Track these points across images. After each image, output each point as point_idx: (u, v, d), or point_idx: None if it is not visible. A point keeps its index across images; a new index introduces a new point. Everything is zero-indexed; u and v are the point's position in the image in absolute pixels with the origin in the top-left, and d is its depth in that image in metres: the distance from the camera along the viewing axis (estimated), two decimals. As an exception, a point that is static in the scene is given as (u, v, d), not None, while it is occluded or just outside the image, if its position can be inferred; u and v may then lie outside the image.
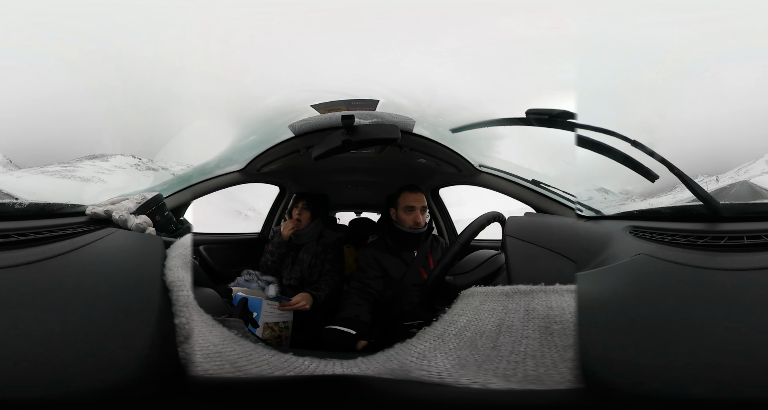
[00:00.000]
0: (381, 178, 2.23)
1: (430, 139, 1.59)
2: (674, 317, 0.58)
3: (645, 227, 0.99)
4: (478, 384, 0.54)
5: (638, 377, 0.50)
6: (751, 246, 0.76)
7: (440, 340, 0.62)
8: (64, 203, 1.07)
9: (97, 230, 0.90)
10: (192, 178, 1.70)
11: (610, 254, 0.85)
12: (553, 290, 0.65)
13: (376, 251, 1.67)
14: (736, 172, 7.67)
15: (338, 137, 1.20)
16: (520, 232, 0.90)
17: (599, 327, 0.58)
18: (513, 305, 0.64)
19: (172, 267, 0.67)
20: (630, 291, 0.68)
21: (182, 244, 0.77)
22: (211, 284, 1.18)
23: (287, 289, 1.80)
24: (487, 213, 1.10)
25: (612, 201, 4.55)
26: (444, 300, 0.87)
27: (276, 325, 1.47)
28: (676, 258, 0.74)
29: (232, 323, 0.68)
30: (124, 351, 0.51)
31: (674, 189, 3.08)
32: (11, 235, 0.77)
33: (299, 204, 1.84)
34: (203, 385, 0.53)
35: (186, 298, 0.61)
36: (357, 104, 1.34)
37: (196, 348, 0.56)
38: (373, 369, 0.60)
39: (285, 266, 1.85)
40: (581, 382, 0.52)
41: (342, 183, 2.53)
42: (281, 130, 1.54)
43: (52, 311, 0.56)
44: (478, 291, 0.71)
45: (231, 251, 2.23)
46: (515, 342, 0.59)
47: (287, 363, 0.59)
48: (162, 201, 1.14)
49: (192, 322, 0.58)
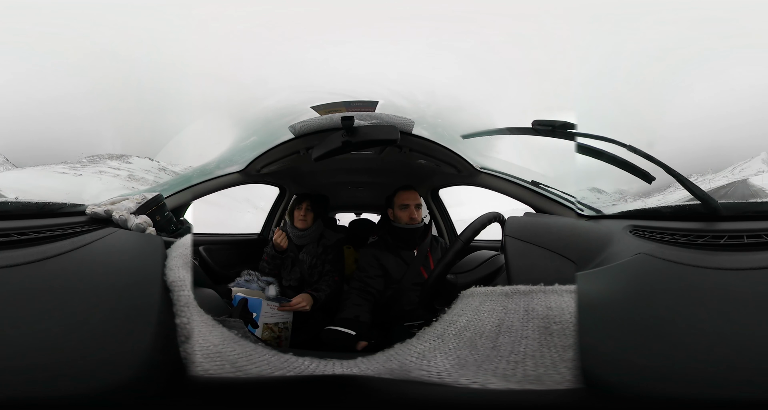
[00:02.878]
0: (381, 179, 2.24)
1: (430, 140, 1.59)
2: (674, 316, 0.58)
3: (645, 226, 0.99)
4: (478, 384, 0.54)
5: (638, 377, 0.50)
6: (750, 245, 0.76)
7: (440, 340, 0.62)
8: (64, 203, 1.07)
9: (97, 230, 0.90)
10: (192, 178, 1.70)
11: (610, 254, 0.85)
12: (552, 290, 0.65)
13: (376, 250, 1.68)
14: (731, 171, 7.61)
15: (338, 138, 1.20)
16: (519, 232, 0.90)
17: (599, 327, 0.58)
18: (512, 306, 0.64)
19: (173, 267, 0.67)
20: (630, 291, 0.68)
21: (183, 244, 0.77)
22: (210, 285, 1.19)
23: (287, 290, 1.80)
24: (487, 213, 1.10)
25: (611, 201, 4.56)
26: (444, 301, 0.87)
27: (275, 326, 1.47)
28: (676, 258, 0.74)
29: (232, 323, 0.69)
30: (124, 350, 0.51)
31: (669, 188, 3.08)
32: (11, 234, 0.77)
33: (303, 204, 1.84)
34: (204, 385, 0.53)
35: (187, 298, 0.61)
36: (357, 105, 1.34)
37: (196, 348, 0.56)
38: (373, 369, 0.60)
39: (285, 267, 1.85)
40: (580, 382, 0.52)
41: (342, 184, 2.53)
42: (281, 131, 1.54)
43: (53, 310, 0.56)
44: (478, 292, 0.71)
45: (231, 251, 2.23)
46: (515, 342, 0.59)
47: (287, 363, 0.59)
48: (162, 201, 1.14)
49: (192, 322, 0.58)
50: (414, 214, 1.65)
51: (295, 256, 1.85)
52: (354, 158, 1.86)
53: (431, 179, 2.20)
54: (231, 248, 2.27)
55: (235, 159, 1.81)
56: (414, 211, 1.66)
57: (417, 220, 1.66)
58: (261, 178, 2.05)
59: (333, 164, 1.95)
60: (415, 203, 1.67)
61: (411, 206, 1.66)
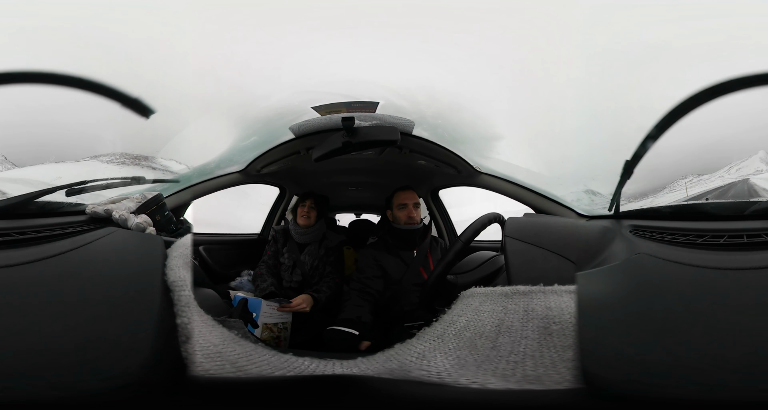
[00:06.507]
0: (381, 179, 2.24)
1: (430, 140, 1.59)
2: (674, 316, 0.58)
3: (645, 226, 0.99)
4: (477, 384, 0.54)
5: (638, 377, 0.50)
6: (750, 245, 0.76)
7: (440, 340, 0.62)
8: (63, 202, 1.07)
9: (97, 230, 0.90)
10: (192, 178, 1.70)
11: (609, 254, 0.85)
12: (552, 290, 0.65)
13: (375, 251, 1.68)
14: (727, 171, 7.51)
15: (338, 139, 1.21)
16: (519, 233, 0.90)
17: (599, 327, 0.58)
18: (512, 306, 0.64)
19: (174, 267, 0.67)
20: (629, 291, 0.68)
21: (183, 244, 0.77)
22: (210, 285, 1.19)
23: (288, 291, 1.79)
24: (487, 214, 1.10)
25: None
26: (444, 301, 0.88)
27: (275, 326, 1.47)
28: (676, 257, 0.74)
29: (232, 323, 0.69)
30: (125, 350, 0.51)
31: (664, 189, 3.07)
32: (11, 234, 0.77)
33: (307, 202, 1.84)
34: (204, 385, 0.53)
35: (187, 298, 0.61)
36: (357, 105, 1.34)
37: (196, 348, 0.56)
38: (373, 369, 0.60)
39: (286, 269, 1.85)
40: (580, 382, 0.52)
41: (342, 185, 2.53)
42: (282, 131, 1.54)
43: (52, 310, 0.56)
44: (478, 292, 0.71)
45: (231, 251, 2.23)
46: (514, 342, 0.59)
47: (287, 363, 0.59)
48: (162, 201, 1.14)
49: (193, 322, 0.58)
50: (412, 213, 1.65)
51: (296, 258, 1.85)
52: (354, 159, 1.86)
53: (431, 180, 2.20)
54: (231, 248, 2.28)
55: (235, 159, 1.81)
56: (412, 210, 1.66)
57: (415, 219, 1.67)
58: (261, 178, 2.05)
59: (333, 164, 1.94)
60: (413, 202, 1.67)
61: (409, 205, 1.66)
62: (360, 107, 1.34)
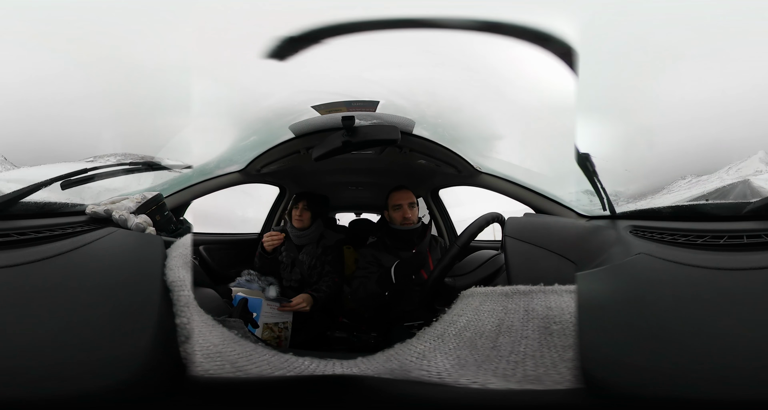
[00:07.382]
0: (381, 179, 2.23)
1: (430, 140, 1.59)
2: (674, 316, 0.58)
3: (645, 226, 0.99)
4: (478, 384, 0.54)
5: (638, 377, 0.50)
6: (750, 245, 0.76)
7: (440, 340, 0.62)
8: (63, 202, 1.07)
9: (97, 230, 0.90)
10: (192, 178, 1.70)
11: (609, 254, 0.85)
12: (552, 290, 0.65)
13: (375, 250, 1.68)
14: (726, 171, 7.45)
15: (338, 138, 1.20)
16: (519, 233, 0.90)
17: (599, 327, 0.58)
18: (512, 306, 0.64)
19: (173, 267, 0.67)
20: (630, 291, 0.68)
21: (183, 244, 0.77)
22: (210, 285, 1.18)
23: (288, 290, 1.79)
24: (487, 214, 1.10)
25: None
26: (444, 301, 0.88)
27: (275, 326, 1.47)
28: (676, 258, 0.74)
29: (232, 323, 0.69)
30: (124, 350, 0.51)
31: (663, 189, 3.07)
32: (11, 234, 0.77)
33: (300, 204, 1.83)
34: (204, 385, 0.53)
35: (187, 298, 0.61)
36: (357, 105, 1.34)
37: (196, 348, 0.56)
38: (373, 369, 0.60)
39: (284, 267, 1.85)
40: (580, 382, 0.52)
41: (342, 184, 2.53)
42: (282, 130, 1.54)
43: (52, 310, 0.56)
44: (478, 292, 0.71)
45: (231, 251, 2.23)
46: (515, 342, 0.59)
47: (287, 363, 0.59)
48: (162, 201, 1.14)
49: (192, 322, 0.58)
50: (407, 213, 1.63)
51: (294, 257, 1.85)
52: (354, 158, 1.86)
53: (431, 180, 2.20)
54: (231, 248, 2.27)
55: (235, 159, 1.80)
56: (407, 210, 1.63)
57: (411, 219, 1.64)
58: (261, 178, 2.04)
59: (333, 163, 1.94)
60: (408, 202, 1.65)
61: (404, 206, 1.64)
62: (360, 106, 1.34)
